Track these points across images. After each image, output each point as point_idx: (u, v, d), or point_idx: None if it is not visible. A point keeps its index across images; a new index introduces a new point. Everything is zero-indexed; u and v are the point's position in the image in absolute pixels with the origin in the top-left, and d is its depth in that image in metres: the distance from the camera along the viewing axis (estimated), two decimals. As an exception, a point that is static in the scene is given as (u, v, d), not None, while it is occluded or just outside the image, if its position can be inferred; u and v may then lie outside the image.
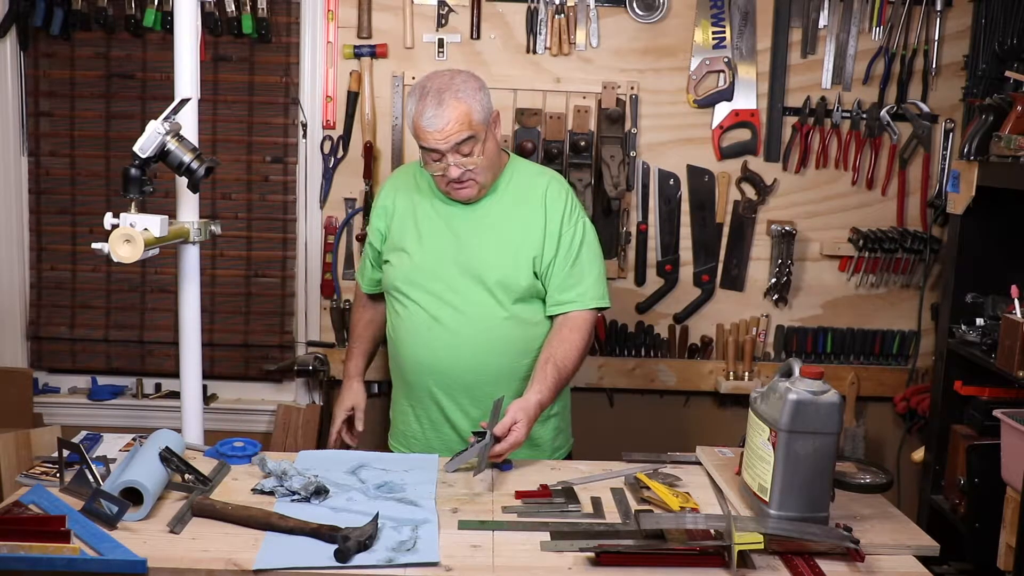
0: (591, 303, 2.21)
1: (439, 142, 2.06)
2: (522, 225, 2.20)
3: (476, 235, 2.20)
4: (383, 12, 3.09)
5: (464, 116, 2.06)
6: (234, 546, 1.64)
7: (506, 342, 2.19)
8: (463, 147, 2.08)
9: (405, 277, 2.23)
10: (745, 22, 3.11)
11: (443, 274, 2.19)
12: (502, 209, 2.22)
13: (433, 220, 2.24)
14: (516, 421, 2.00)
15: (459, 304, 2.18)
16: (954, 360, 2.59)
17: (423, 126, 2.07)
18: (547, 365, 2.12)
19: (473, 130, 2.07)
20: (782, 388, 1.72)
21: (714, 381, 3.23)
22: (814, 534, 1.68)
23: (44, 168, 3.20)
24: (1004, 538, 2.11)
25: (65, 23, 3.06)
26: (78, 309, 3.27)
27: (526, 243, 2.19)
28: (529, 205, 2.21)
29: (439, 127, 2.05)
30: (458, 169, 2.09)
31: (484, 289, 2.18)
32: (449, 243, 2.21)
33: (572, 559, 1.65)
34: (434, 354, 2.20)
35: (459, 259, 2.19)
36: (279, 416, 3.24)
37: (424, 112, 2.06)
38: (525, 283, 2.18)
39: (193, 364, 2.28)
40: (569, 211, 2.22)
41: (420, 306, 2.21)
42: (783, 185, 3.18)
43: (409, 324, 2.23)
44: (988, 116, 2.50)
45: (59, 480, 1.87)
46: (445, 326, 2.18)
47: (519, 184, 2.24)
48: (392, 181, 2.39)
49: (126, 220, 1.96)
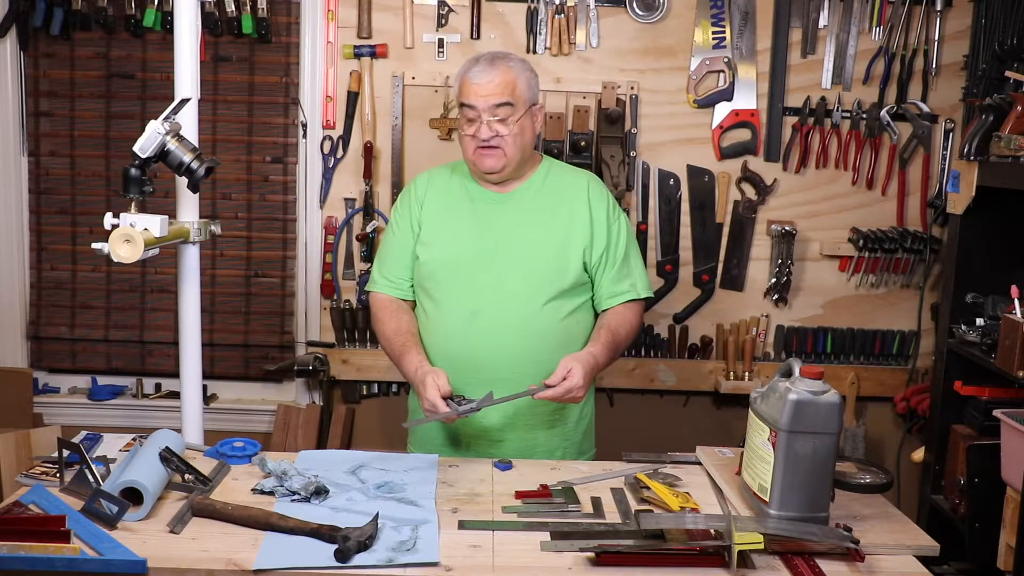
0: (643, 292, 2.28)
1: (479, 98, 2.12)
2: (567, 219, 2.21)
3: (518, 227, 2.20)
4: (383, 12, 3.09)
5: (509, 82, 2.14)
6: (234, 546, 1.63)
7: (545, 335, 2.17)
8: (500, 111, 2.12)
9: (443, 268, 2.21)
10: (745, 22, 3.11)
11: (484, 265, 2.18)
12: (542, 203, 2.23)
13: (471, 212, 2.23)
14: (569, 368, 2.00)
15: (500, 295, 2.16)
16: (954, 360, 2.59)
17: (469, 78, 2.14)
18: (601, 330, 2.19)
19: (514, 99, 2.13)
20: (782, 388, 1.72)
21: (714, 381, 3.23)
22: (814, 534, 1.68)
23: (44, 168, 3.20)
24: (1004, 538, 2.11)
25: (65, 23, 3.06)
26: (78, 309, 3.27)
27: (574, 236, 2.20)
28: (572, 200, 2.23)
29: (483, 82, 2.12)
30: (489, 131, 2.12)
31: (527, 281, 2.17)
32: (489, 235, 2.20)
33: (572, 559, 1.65)
34: (472, 346, 2.16)
35: (500, 250, 2.19)
36: (279, 416, 3.24)
37: (474, 68, 2.16)
38: (573, 275, 2.19)
39: (193, 364, 2.29)
40: (613, 206, 2.28)
41: (459, 297, 2.18)
42: (783, 185, 3.18)
43: (446, 316, 2.20)
44: (988, 116, 2.50)
45: (59, 480, 1.87)
46: (486, 317, 2.16)
47: (557, 181, 2.27)
48: (426, 175, 2.35)
49: (126, 220, 1.96)
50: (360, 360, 3.22)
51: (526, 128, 2.18)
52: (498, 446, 2.21)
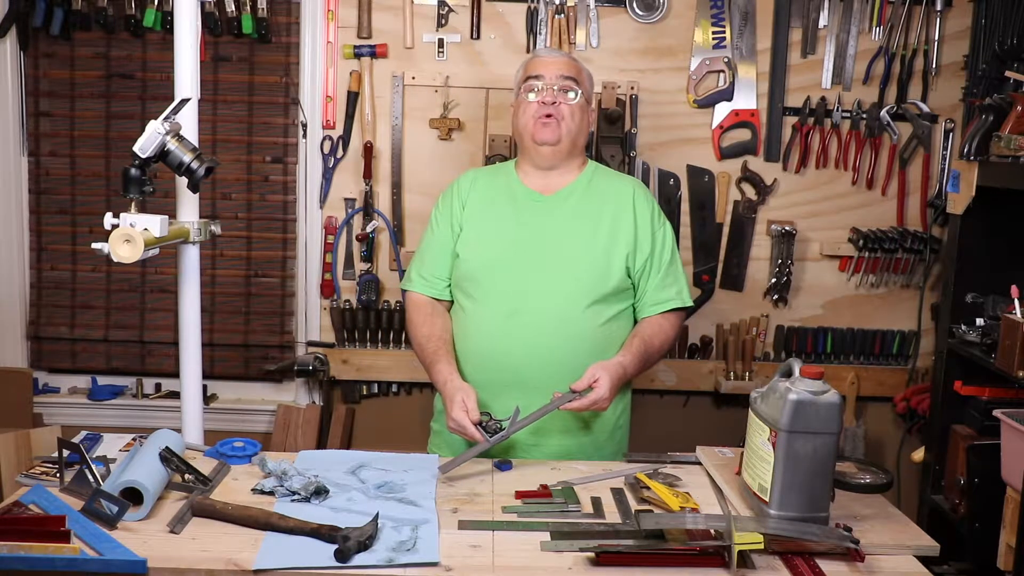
0: (687, 300, 2.29)
1: (548, 68, 2.22)
2: (612, 223, 2.20)
3: (562, 229, 2.20)
4: (383, 12, 3.09)
5: (575, 65, 2.26)
6: (234, 546, 1.63)
7: (584, 339, 2.15)
8: (565, 83, 2.20)
9: (484, 267, 2.19)
10: (745, 22, 3.11)
11: (525, 265, 2.17)
12: (587, 206, 2.22)
13: (514, 212, 2.23)
14: (596, 378, 2.01)
15: (541, 297, 2.15)
16: (954, 360, 2.59)
17: (537, 55, 2.31)
18: (635, 339, 2.19)
19: (579, 79, 2.23)
20: (782, 388, 1.72)
21: (714, 381, 3.23)
22: (814, 534, 1.68)
23: (44, 168, 3.20)
24: (1004, 538, 2.11)
25: (65, 23, 3.06)
26: (78, 309, 3.27)
27: (619, 241, 2.19)
28: (617, 205, 2.23)
29: (553, 58, 2.25)
30: (553, 95, 2.18)
31: (570, 282, 2.16)
32: (532, 235, 2.19)
33: (572, 559, 1.65)
34: (509, 346, 2.14)
35: (543, 252, 2.17)
36: (279, 416, 3.24)
37: (542, 50, 2.40)
38: (616, 280, 2.18)
39: (193, 364, 2.29)
40: (658, 213, 2.28)
41: (498, 297, 2.16)
42: (783, 185, 3.18)
43: (484, 315, 2.18)
44: (988, 116, 2.50)
45: (59, 480, 1.87)
46: (525, 317, 2.14)
47: (602, 184, 2.27)
48: (471, 174, 2.35)
49: (126, 220, 1.96)
50: (360, 360, 3.22)
51: (584, 114, 2.23)
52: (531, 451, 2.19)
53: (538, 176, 2.26)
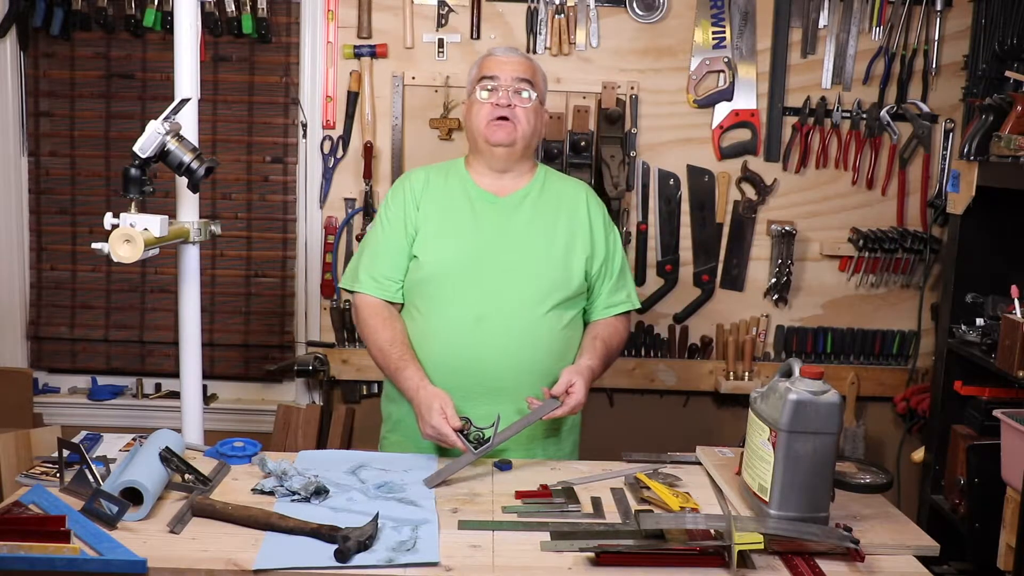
0: (636, 303, 2.32)
1: (503, 67, 2.18)
2: (568, 227, 2.20)
3: (521, 232, 2.18)
4: (383, 12, 3.09)
5: (530, 66, 2.22)
6: (234, 546, 1.63)
7: (548, 343, 2.15)
8: (521, 85, 2.17)
9: (446, 272, 2.14)
10: (745, 22, 3.11)
11: (488, 269, 2.14)
12: (543, 209, 2.21)
13: (471, 215, 2.19)
14: (572, 383, 2.02)
15: (506, 301, 2.12)
16: (954, 360, 2.59)
17: (492, 54, 2.23)
18: (595, 340, 2.19)
19: (534, 81, 2.20)
20: (782, 388, 1.72)
21: (714, 381, 3.23)
22: (814, 534, 1.68)
23: (44, 168, 3.20)
24: (1004, 538, 2.11)
25: (65, 23, 3.06)
26: (78, 309, 3.27)
27: (576, 245, 2.19)
28: (572, 208, 2.23)
29: (508, 59, 2.20)
30: (508, 98, 2.15)
31: (534, 286, 2.14)
32: (491, 238, 2.17)
33: (572, 559, 1.65)
34: (477, 353, 2.09)
35: (504, 255, 2.15)
36: (279, 416, 3.24)
37: (496, 49, 2.25)
38: (576, 283, 2.18)
39: (193, 364, 2.29)
40: (607, 218, 2.29)
41: (465, 301, 2.12)
42: (783, 185, 3.18)
43: (451, 320, 2.12)
44: (988, 116, 2.50)
45: (59, 480, 1.87)
46: (492, 323, 2.11)
47: (555, 188, 2.26)
48: (422, 173, 2.27)
49: (126, 220, 1.96)
50: (360, 360, 3.22)
51: (538, 116, 2.21)
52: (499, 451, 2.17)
53: (491, 177, 2.23)
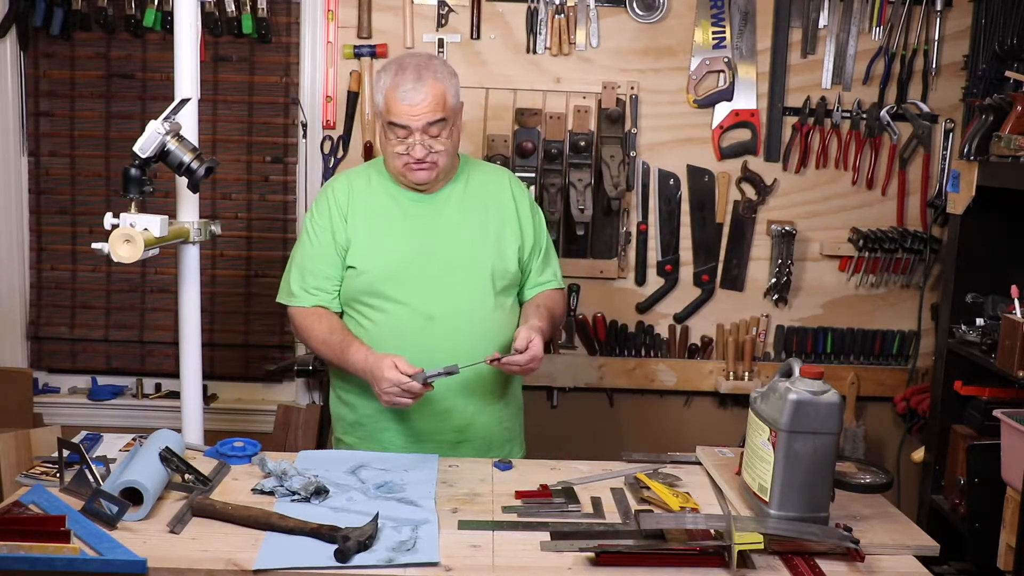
0: (562, 283, 2.37)
1: (412, 118, 2.04)
2: (497, 215, 2.23)
3: (454, 227, 2.19)
4: (383, 12, 3.09)
5: (440, 96, 2.06)
6: (234, 546, 1.63)
7: (497, 332, 2.17)
8: (432, 128, 2.06)
9: (387, 276, 2.14)
10: (745, 22, 3.11)
11: (429, 269, 2.14)
12: (472, 202, 2.22)
13: (402, 216, 2.18)
14: (531, 339, 2.04)
15: (453, 298, 2.14)
16: (954, 360, 2.59)
17: (399, 98, 2.04)
18: (539, 308, 2.23)
19: (446, 113, 2.07)
20: (782, 388, 1.72)
21: (714, 381, 3.23)
22: (814, 534, 1.68)
23: (44, 168, 3.20)
24: (1004, 538, 2.11)
25: (65, 23, 3.06)
26: (78, 309, 3.27)
27: (507, 233, 2.22)
28: (497, 197, 2.25)
29: (415, 102, 2.04)
30: (424, 149, 2.07)
31: (475, 278, 2.17)
32: (426, 237, 2.17)
33: (572, 559, 1.65)
34: (430, 352, 2.06)
35: (441, 252, 2.16)
36: (279, 416, 3.23)
37: (401, 85, 2.04)
38: (512, 271, 2.22)
39: (193, 364, 2.29)
40: (531, 201, 2.33)
41: (409, 306, 2.13)
42: (783, 185, 3.18)
43: (402, 323, 2.12)
44: (988, 116, 2.50)
45: (59, 480, 1.87)
46: (444, 319, 2.12)
47: (480, 178, 2.27)
48: (344, 181, 2.23)
49: (126, 220, 1.96)
50: (360, 360, 3.21)
51: (455, 134, 2.14)
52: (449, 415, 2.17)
53: None
